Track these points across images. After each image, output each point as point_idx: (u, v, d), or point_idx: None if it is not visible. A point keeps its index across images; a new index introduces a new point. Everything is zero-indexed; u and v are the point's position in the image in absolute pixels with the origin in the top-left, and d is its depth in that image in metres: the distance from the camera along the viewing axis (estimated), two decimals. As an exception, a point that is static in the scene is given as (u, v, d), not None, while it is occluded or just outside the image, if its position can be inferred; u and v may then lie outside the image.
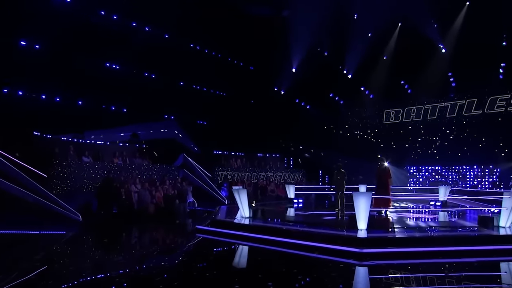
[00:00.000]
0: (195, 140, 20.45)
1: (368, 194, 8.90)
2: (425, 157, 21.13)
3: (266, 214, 10.89)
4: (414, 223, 10.28)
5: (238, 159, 19.65)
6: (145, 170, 14.81)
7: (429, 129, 21.21)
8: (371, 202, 9.47)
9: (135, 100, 17.66)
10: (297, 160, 23.59)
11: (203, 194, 16.42)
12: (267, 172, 19.82)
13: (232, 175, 18.31)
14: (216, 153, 19.52)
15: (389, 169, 12.14)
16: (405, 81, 22.00)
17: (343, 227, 9.11)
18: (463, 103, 20.20)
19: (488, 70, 18.59)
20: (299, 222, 10.10)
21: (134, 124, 18.40)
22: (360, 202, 8.66)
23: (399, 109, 22.26)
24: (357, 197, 8.67)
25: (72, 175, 12.14)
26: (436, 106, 21.05)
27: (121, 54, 16.83)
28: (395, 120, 22.48)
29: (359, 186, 15.62)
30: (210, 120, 21.79)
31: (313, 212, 13.67)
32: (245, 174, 18.92)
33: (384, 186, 12.12)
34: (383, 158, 12.30)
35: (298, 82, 21.93)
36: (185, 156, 17.52)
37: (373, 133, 23.35)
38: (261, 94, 21.97)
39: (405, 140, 21.80)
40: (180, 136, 20.22)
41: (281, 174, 20.47)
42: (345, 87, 22.53)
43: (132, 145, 16.42)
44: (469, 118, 19.98)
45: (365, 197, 8.79)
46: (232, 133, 20.61)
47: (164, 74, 19.10)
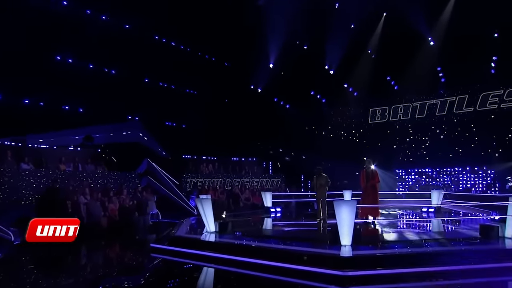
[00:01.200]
0: (163, 144, 19.29)
1: (352, 202, 7.89)
2: (414, 159, 20.67)
3: (237, 228, 9.87)
4: (406, 235, 9.24)
5: (209, 164, 18.61)
6: (99, 178, 13.48)
7: (417, 129, 20.75)
8: (357, 211, 8.57)
9: (93, 99, 16.36)
10: (276, 164, 22.80)
11: (169, 205, 15.32)
12: (242, 178, 18.87)
13: (203, 182, 17.23)
14: (185, 158, 18.40)
15: (376, 172, 11.24)
16: (391, 77, 21.51)
17: (325, 242, 8.06)
18: (453, 100, 19.77)
19: (479, 64, 18.20)
20: (273, 237, 9.00)
21: (93, 125, 17.09)
22: (343, 213, 7.61)
23: (386, 107, 21.79)
24: (339, 206, 7.63)
25: (6, 185, 10.70)
26: (424, 103, 20.60)
27: (75, 46, 15.52)
28: (381, 119, 22.00)
29: (343, 192, 14.74)
30: (179, 121, 20.79)
31: (293, 222, 12.86)
32: (218, 181, 17.86)
33: (371, 192, 11.20)
34: (370, 160, 11.37)
35: (276, 79, 21.18)
36: (149, 161, 16.33)
37: (358, 134, 22.82)
38: (236, 92, 21.12)
39: (393, 140, 21.34)
40: (145, 139, 19.02)
41: (258, 180, 19.54)
42: (327, 84, 21.88)
43: (86, 150, 15.02)
44: (460, 116, 19.56)
45: (349, 207, 7.77)
46: (204, 135, 19.65)
47: (126, 69, 17.82)
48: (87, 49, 15.83)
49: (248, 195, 17.07)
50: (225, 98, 21.34)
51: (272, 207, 14.78)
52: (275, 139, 22.11)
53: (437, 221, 11.77)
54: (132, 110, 18.70)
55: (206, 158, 19.19)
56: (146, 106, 18.24)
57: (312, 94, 23.31)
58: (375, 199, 11.23)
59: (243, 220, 12.57)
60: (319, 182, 11.67)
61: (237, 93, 21.23)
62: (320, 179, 11.74)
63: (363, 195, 11.27)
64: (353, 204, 7.85)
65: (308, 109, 22.68)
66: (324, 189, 11.71)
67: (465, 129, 19.29)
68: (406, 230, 10.51)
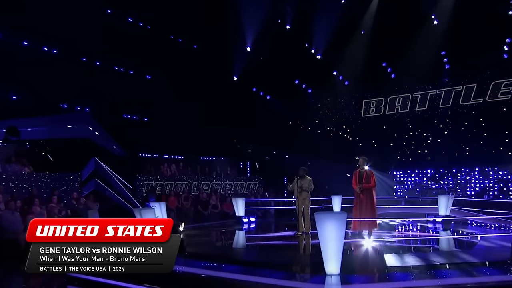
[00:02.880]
0: (120, 140, 17.62)
1: (340, 215, 6.14)
2: (414, 159, 19.57)
3: (192, 246, 8.29)
4: (415, 256, 7.41)
5: (172, 164, 17.03)
6: (23, 182, 11.47)
7: (418, 123, 19.62)
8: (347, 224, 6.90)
9: (31, 85, 14.83)
10: (255, 164, 21.75)
11: (122, 214, 13.39)
12: (213, 181, 17.38)
13: (163, 186, 15.66)
14: (142, 156, 16.96)
15: (372, 174, 9.74)
16: (388, 63, 20.31)
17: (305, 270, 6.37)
18: (459, 89, 18.56)
19: (490, 48, 17.15)
20: (236, 262, 7.23)
21: (30, 117, 15.17)
22: (328, 229, 5.85)
23: (381, 98, 20.61)
24: (322, 220, 5.87)
25: None
26: (426, 94, 19.43)
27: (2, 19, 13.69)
28: (376, 112, 20.85)
29: (332, 198, 13.80)
30: (140, 113, 19.32)
31: (271, 234, 11.81)
32: (182, 185, 16.28)
33: (366, 199, 9.61)
34: (364, 159, 9.91)
35: (254, 65, 19.88)
36: (97, 161, 14.60)
37: (349, 129, 21.68)
38: (207, 80, 19.64)
39: (389, 137, 20.16)
40: (96, 134, 17.11)
41: (231, 184, 18.05)
42: (313, 71, 20.63)
43: (9, 146, 13.13)
44: (468, 109, 18.37)
45: (337, 221, 6.04)
46: (168, 130, 18.19)
47: (72, 50, 16.19)
48: (19, 23, 14.17)
49: (216, 201, 15.44)
50: (194, 87, 19.60)
51: (245, 216, 13.49)
52: (254, 136, 20.95)
53: (449, 234, 10.22)
54: (81, 100, 17.16)
55: (169, 157, 17.81)
56: (99, 95, 16.77)
57: (296, 83, 22.20)
58: (372, 208, 9.58)
59: (204, 233, 11.38)
60: (301, 185, 10.20)
61: (208, 82, 19.76)
62: (303, 182, 10.27)
63: (356, 202, 9.72)
64: (342, 218, 6.09)
65: (292, 101, 21.62)
66: (307, 194, 10.28)
67: (473, 124, 18.16)
68: (408, 245, 8.86)
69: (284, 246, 9.78)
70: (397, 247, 8.85)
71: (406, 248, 8.73)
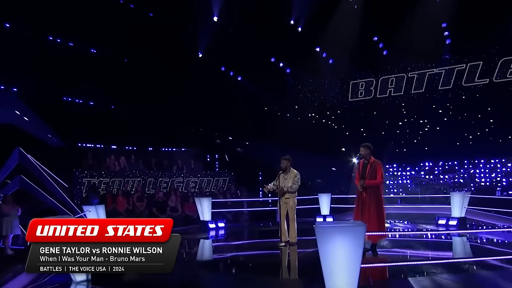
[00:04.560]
0: (58, 128, 16.56)
1: (356, 229, 4.29)
2: (410, 149, 18.95)
3: None
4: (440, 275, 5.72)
5: (121, 157, 15.81)
6: None
7: (414, 108, 19.02)
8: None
9: None
10: (224, 157, 21.15)
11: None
12: (172, 178, 16.46)
13: (110, 184, 14.45)
14: (83, 147, 15.66)
15: (380, 166, 8.01)
16: (380, 37, 19.51)
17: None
18: (462, 68, 17.85)
19: (498, 21, 16.41)
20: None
21: None
22: (337, 251, 4.04)
23: (371, 79, 19.91)
24: (326, 236, 4.13)
25: None
26: (424, 73, 18.72)
27: None
28: (365, 95, 20.16)
29: (319, 197, 13.40)
30: (86, 95, 18.05)
31: (244, 241, 11.21)
32: (134, 182, 15.20)
33: (370, 199, 7.91)
34: (367, 146, 8.26)
35: (223, 39, 18.81)
36: (23, 152, 13.06)
37: (334, 116, 21.03)
38: (166, 56, 18.78)
39: (381, 124, 19.58)
40: (25, 119, 15.90)
41: (196, 180, 17.18)
42: (293, 47, 19.73)
43: None
44: (471, 91, 17.73)
45: (351, 238, 4.26)
46: (118, 116, 17.42)
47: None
48: None
49: (176, 202, 14.15)
50: (150, 64, 18.73)
51: (212, 221, 12.42)
52: (223, 123, 20.40)
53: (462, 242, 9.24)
54: (7, 78, 15.64)
55: (118, 148, 16.67)
56: (30, 73, 15.34)
57: (272, 61, 21.33)
58: (377, 211, 7.86)
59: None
60: (286, 182, 8.81)
61: (167, 58, 18.92)
62: (286, 177, 8.86)
63: (358, 203, 8.06)
64: (358, 234, 4.23)
65: (268, 83, 20.68)
66: (292, 194, 8.88)
67: (478, 108, 17.58)
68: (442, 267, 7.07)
69: (263, 264, 8.08)
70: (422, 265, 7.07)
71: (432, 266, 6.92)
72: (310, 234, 5.22)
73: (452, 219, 11.07)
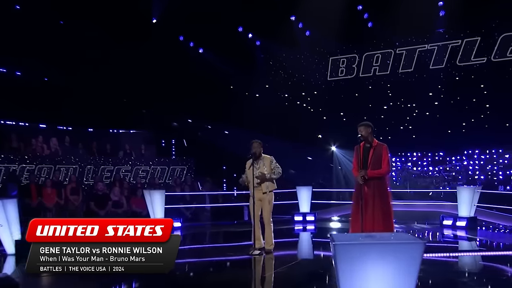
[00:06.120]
0: None
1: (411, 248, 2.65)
2: (396, 138, 18.40)
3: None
4: None
5: (53, 138, 14.81)
6: None
7: (401, 90, 18.65)
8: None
9: None
10: (182, 142, 20.75)
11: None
12: (118, 166, 15.70)
13: (35, 172, 13.34)
14: (3, 124, 14.75)
15: (386, 151, 6.88)
16: (364, 7, 18.90)
17: None
18: (457, 44, 17.36)
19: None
20: None
21: None
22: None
23: (354, 55, 19.42)
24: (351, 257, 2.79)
25: None
26: (413, 50, 18.21)
27: None
28: (346, 74, 19.61)
29: (297, 190, 12.56)
30: (11, 64, 17.06)
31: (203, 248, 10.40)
32: (69, 170, 14.25)
33: (374, 195, 6.70)
34: (367, 125, 7.09)
35: (182, 4, 18.13)
36: None
37: (310, 97, 20.65)
38: (114, 22, 17.67)
39: (364, 107, 19.17)
40: None
41: (147, 169, 16.41)
42: (263, 15, 18.94)
43: None
44: (467, 71, 17.34)
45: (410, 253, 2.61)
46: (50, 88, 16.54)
47: None
48: None
49: (120, 196, 12.90)
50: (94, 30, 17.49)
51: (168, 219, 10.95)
52: (181, 103, 19.74)
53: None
54: None
55: (48, 127, 15.88)
56: None
57: (240, 31, 20.50)
58: (384, 211, 6.67)
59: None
60: (261, 169, 7.74)
61: (115, 24, 17.75)
62: (258, 165, 7.77)
63: (357, 200, 6.83)
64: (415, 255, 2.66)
65: (234, 57, 20.05)
66: (269, 185, 7.79)
67: (473, 91, 17.40)
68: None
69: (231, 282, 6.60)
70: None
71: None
72: (286, 235, 5.10)
73: (460, 219, 10.31)
